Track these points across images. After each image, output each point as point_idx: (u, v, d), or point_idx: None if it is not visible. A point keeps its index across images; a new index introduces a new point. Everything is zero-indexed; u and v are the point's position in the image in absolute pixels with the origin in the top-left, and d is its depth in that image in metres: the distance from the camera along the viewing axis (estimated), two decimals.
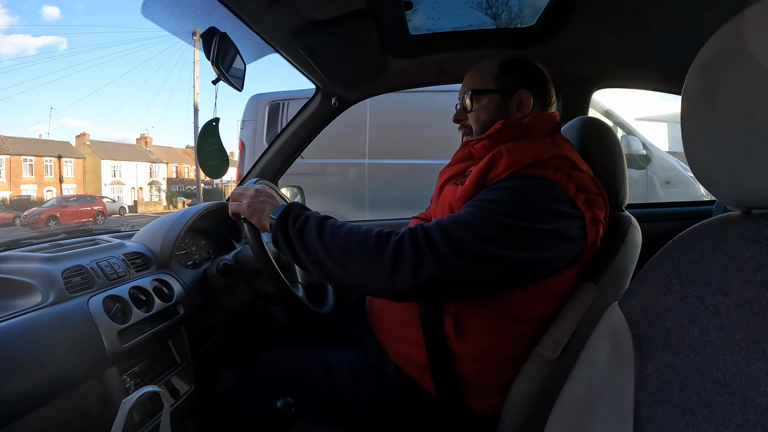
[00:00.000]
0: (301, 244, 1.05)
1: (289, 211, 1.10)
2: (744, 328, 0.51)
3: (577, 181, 1.05)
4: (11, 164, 32.31)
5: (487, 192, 1.05)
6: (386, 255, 0.96)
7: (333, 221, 1.07)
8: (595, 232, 1.06)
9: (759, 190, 0.55)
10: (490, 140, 1.17)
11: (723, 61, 0.57)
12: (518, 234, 0.97)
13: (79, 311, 1.05)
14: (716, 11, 1.31)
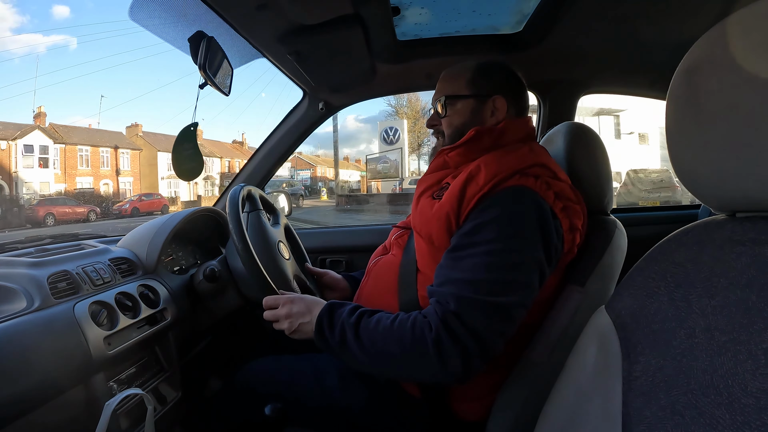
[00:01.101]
0: (346, 356, 1.06)
1: (321, 325, 1.10)
2: (730, 330, 0.51)
3: (555, 189, 1.06)
4: (66, 154, 30.44)
5: (476, 229, 1.03)
6: (430, 355, 0.96)
7: (365, 322, 1.06)
8: (572, 240, 1.07)
9: (743, 194, 0.56)
10: (465, 148, 1.17)
11: (707, 66, 0.58)
12: (521, 271, 0.99)
13: (65, 317, 1.04)
14: (700, 18, 1.33)
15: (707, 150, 0.58)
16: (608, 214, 1.28)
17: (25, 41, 52.55)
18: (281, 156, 2.09)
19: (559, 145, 1.29)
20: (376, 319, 1.05)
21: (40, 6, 25.10)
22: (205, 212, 1.68)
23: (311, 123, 2.06)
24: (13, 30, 53.50)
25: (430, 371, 0.97)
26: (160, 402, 1.23)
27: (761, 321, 0.49)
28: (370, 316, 1.06)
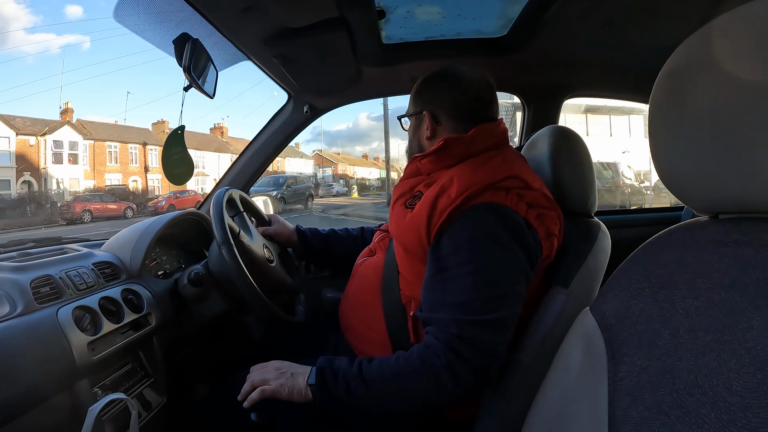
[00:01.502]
0: (354, 403, 1.04)
1: (323, 375, 1.06)
2: (714, 330, 0.52)
3: (528, 200, 1.07)
4: (95, 151, 29.68)
5: (457, 248, 1.04)
6: (444, 380, 0.98)
7: (367, 367, 1.05)
8: (549, 246, 1.08)
9: (726, 196, 0.56)
10: (436, 156, 1.17)
11: (690, 69, 0.59)
12: (509, 285, 1.02)
13: (49, 322, 1.03)
14: (683, 22, 1.34)
15: (690, 152, 0.59)
16: (592, 216, 1.29)
17: (37, 40, 51.72)
18: (266, 159, 2.08)
19: (543, 149, 1.30)
20: (377, 362, 1.05)
21: (53, 6, 24.95)
22: (189, 216, 1.66)
23: (296, 126, 2.05)
24: (27, 30, 52.61)
25: (445, 394, 0.99)
26: (146, 408, 1.21)
27: (745, 321, 0.50)
28: (369, 362, 1.06)
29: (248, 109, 75.70)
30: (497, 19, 1.62)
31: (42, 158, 26.70)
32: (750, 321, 0.49)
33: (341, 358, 1.09)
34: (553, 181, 1.24)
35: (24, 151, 25.96)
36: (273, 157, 2.10)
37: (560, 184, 1.23)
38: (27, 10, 44.97)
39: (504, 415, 1.06)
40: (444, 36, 1.74)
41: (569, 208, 1.25)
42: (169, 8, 1.28)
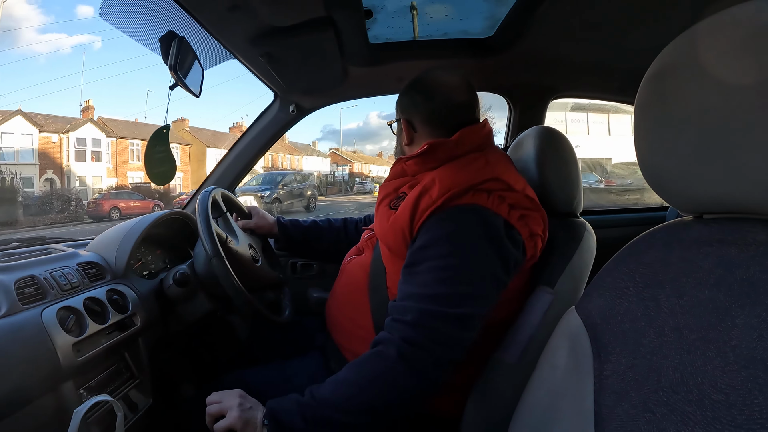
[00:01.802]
0: (320, 429, 1.00)
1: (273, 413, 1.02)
2: (699, 329, 0.53)
3: (510, 201, 1.07)
4: (117, 148, 29.02)
5: (429, 243, 1.05)
6: (401, 371, 0.97)
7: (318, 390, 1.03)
8: (534, 246, 1.09)
9: (710, 196, 0.57)
10: (420, 159, 1.19)
11: (675, 71, 0.59)
12: (475, 284, 1.01)
13: (33, 323, 1.01)
14: (668, 25, 1.36)
15: (674, 153, 0.59)
16: (578, 216, 1.30)
17: (48, 39, 51.12)
18: (252, 158, 2.07)
19: (529, 149, 1.30)
20: (329, 381, 1.03)
21: (64, 6, 24.59)
22: (174, 215, 1.65)
23: (282, 125, 2.04)
24: (39, 30, 52.05)
25: (409, 388, 0.98)
26: (131, 409, 1.20)
27: (729, 319, 0.50)
28: (320, 386, 1.04)
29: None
30: (484, 20, 1.62)
31: (65, 155, 26.37)
32: (734, 319, 0.50)
33: (290, 395, 1.05)
34: (539, 181, 1.24)
35: (46, 149, 25.65)
36: (259, 156, 2.09)
37: (546, 184, 1.24)
38: (38, 11, 44.49)
39: (491, 413, 1.07)
40: (431, 36, 1.74)
41: (555, 208, 1.26)
42: (156, 6, 1.27)
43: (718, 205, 0.58)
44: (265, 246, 1.71)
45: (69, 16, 51.06)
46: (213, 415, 1.07)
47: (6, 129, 24.44)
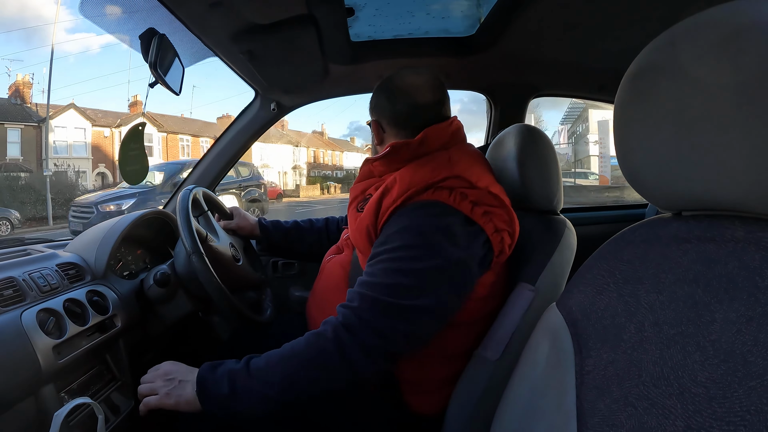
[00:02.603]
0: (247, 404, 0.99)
1: (204, 380, 1.02)
2: (678, 324, 0.53)
3: (472, 198, 1.07)
4: (168, 143, 28.92)
5: (386, 239, 1.06)
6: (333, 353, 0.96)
7: (255, 362, 1.02)
8: (500, 240, 1.08)
9: (688, 193, 0.58)
10: (386, 160, 1.20)
11: (654, 70, 0.60)
12: (425, 277, 1.00)
13: (12, 326, 0.99)
14: (647, 26, 1.38)
15: (653, 151, 0.60)
16: (558, 213, 1.31)
17: (77, 38, 50.34)
18: (232, 157, 2.05)
19: (509, 147, 1.31)
20: (265, 356, 1.02)
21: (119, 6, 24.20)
22: (155, 215, 1.63)
23: (263, 123, 2.03)
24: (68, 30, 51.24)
25: (339, 372, 0.97)
26: (114, 412, 1.18)
27: (708, 314, 0.51)
28: (258, 357, 1.03)
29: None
30: (465, 19, 1.63)
31: (117, 150, 25.77)
32: (713, 314, 0.51)
33: (229, 361, 1.04)
34: (519, 179, 1.25)
35: (99, 143, 25.34)
36: (239, 155, 2.07)
37: (526, 182, 1.25)
38: (68, 11, 44.17)
39: (473, 410, 1.07)
40: (412, 34, 1.75)
41: (535, 206, 1.27)
42: (135, 2, 1.26)
43: (696, 202, 0.58)
44: (246, 246, 1.70)
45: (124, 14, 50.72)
46: (143, 394, 1.05)
47: (59, 123, 24.18)
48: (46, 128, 23.19)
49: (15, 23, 44.49)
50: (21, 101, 24.51)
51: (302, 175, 40.12)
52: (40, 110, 24.35)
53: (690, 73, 0.55)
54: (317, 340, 0.98)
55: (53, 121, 23.59)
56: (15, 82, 24.98)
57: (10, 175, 21.87)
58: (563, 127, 27.98)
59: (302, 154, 40.98)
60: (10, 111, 23.67)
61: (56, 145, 23.94)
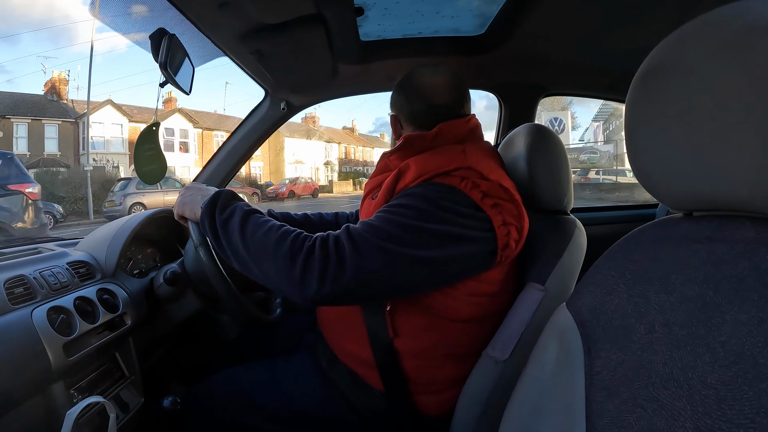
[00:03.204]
0: (225, 235, 1.07)
1: (217, 198, 1.13)
2: (688, 325, 0.53)
3: (483, 189, 1.07)
4: (203, 139, 29.50)
5: (394, 199, 1.09)
6: (297, 262, 0.97)
7: (257, 216, 1.09)
8: (506, 234, 1.07)
9: (699, 194, 0.57)
10: (401, 152, 1.21)
11: (665, 70, 0.60)
12: (417, 233, 1.00)
13: (22, 324, 1.00)
14: (657, 25, 1.37)
15: (664, 151, 0.60)
16: (568, 213, 1.30)
17: (104, 37, 51.22)
18: (242, 156, 2.06)
19: (519, 147, 1.30)
20: (266, 219, 1.08)
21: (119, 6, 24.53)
22: (165, 214, 1.64)
23: (273, 123, 2.04)
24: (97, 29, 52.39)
25: (290, 283, 0.98)
26: (123, 409, 1.19)
27: (718, 315, 0.51)
28: (262, 215, 1.11)
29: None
30: (475, 18, 1.63)
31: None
32: (723, 315, 0.50)
33: (245, 203, 1.14)
34: (529, 178, 1.25)
35: (135, 138, 25.52)
36: (249, 154, 2.08)
37: (536, 181, 1.24)
38: (107, 13, 45.19)
39: (481, 410, 1.07)
40: (421, 34, 1.74)
41: (545, 206, 1.26)
42: (145, 3, 1.27)
43: (707, 202, 0.58)
44: None
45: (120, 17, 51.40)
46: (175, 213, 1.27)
47: (97, 119, 24.54)
48: (86, 124, 23.64)
49: (43, 23, 45.20)
50: (57, 98, 24.93)
51: (334, 171, 40.21)
52: (76, 106, 24.90)
53: (700, 72, 0.55)
54: (302, 242, 1.01)
55: (91, 117, 23.94)
56: (51, 78, 25.39)
57: (50, 170, 22.28)
58: (597, 124, 27.82)
59: (334, 149, 41.09)
60: (48, 107, 24.13)
61: (93, 141, 24.29)
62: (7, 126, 22.11)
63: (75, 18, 49.73)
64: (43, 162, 22.61)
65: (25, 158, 22.32)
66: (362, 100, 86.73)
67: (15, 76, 47.11)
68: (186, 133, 28.18)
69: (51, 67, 30.74)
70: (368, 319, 1.16)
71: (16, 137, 22.45)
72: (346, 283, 0.96)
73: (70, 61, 39.41)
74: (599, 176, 22.14)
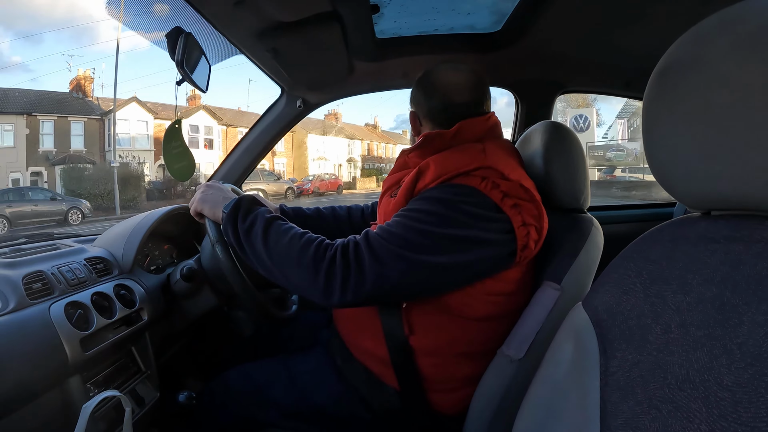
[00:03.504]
0: (248, 243, 1.10)
1: (239, 206, 1.15)
2: (705, 326, 0.52)
3: (503, 189, 1.06)
4: (227, 136, 29.64)
5: (412, 202, 1.09)
6: (320, 272, 1.00)
7: (279, 223, 1.11)
8: (526, 234, 1.07)
9: (717, 193, 0.57)
10: (420, 150, 1.21)
11: (683, 67, 0.59)
12: (436, 239, 1.01)
13: (41, 318, 1.02)
14: (676, 20, 1.35)
15: (682, 149, 0.59)
16: (585, 212, 1.29)
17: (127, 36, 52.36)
18: (259, 154, 2.07)
19: (536, 144, 1.30)
20: (288, 226, 1.11)
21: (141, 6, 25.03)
22: (182, 210, 1.65)
23: (289, 120, 2.04)
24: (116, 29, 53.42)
25: (314, 290, 1.02)
26: (138, 404, 1.20)
27: (735, 317, 0.50)
28: (284, 222, 1.13)
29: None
30: (491, 15, 1.62)
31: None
32: (741, 317, 0.50)
33: (266, 209, 1.17)
34: (546, 176, 1.24)
35: (160, 135, 25.78)
36: (266, 151, 2.09)
37: (552, 179, 1.23)
38: (117, 10, 46.27)
39: (495, 409, 1.07)
40: (437, 31, 1.74)
41: (562, 204, 1.25)
42: (161, 2, 1.27)
43: (725, 201, 0.57)
44: None
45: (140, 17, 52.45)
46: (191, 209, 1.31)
47: (122, 116, 24.96)
48: (112, 121, 24.13)
49: (66, 22, 45.97)
50: (83, 95, 25.30)
51: (356, 167, 40.32)
52: (101, 104, 25.19)
53: (718, 69, 0.54)
54: (324, 251, 1.03)
55: (116, 114, 24.34)
56: (76, 76, 25.76)
57: (77, 167, 22.79)
58: (622, 122, 27.56)
59: (356, 146, 41.14)
60: (73, 105, 24.52)
61: (119, 138, 24.71)
62: (33, 123, 22.48)
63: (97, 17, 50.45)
64: (69, 158, 22.99)
65: (51, 154, 22.86)
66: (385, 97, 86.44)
67: (38, 75, 48.05)
68: (210, 130, 28.46)
69: (75, 66, 31.16)
70: (384, 317, 1.16)
71: (42, 134, 22.81)
72: (367, 290, 0.99)
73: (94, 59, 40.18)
74: (625, 174, 21.95)
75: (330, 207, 1.77)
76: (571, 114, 23.99)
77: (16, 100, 22.34)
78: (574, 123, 22.98)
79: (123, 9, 1.34)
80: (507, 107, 21.03)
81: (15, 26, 42.89)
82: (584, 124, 23.15)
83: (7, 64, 38.32)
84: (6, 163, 21.38)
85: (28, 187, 20.41)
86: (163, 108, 26.66)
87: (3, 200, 17.52)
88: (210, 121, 28.40)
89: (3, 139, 21.66)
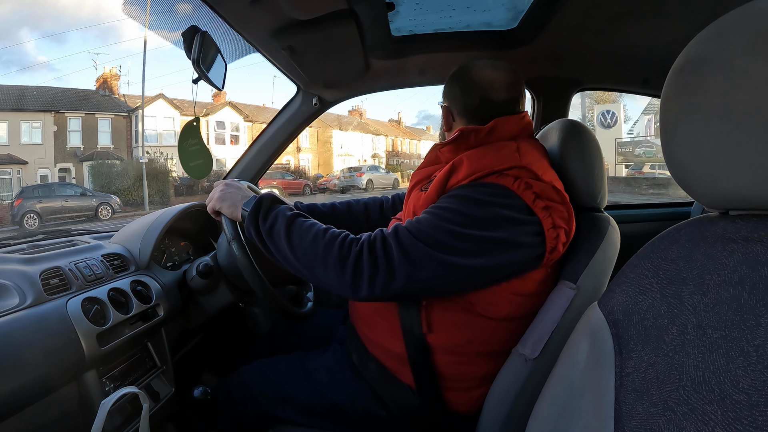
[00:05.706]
0: (271, 242, 1.11)
1: (260, 205, 1.15)
2: (722, 327, 0.52)
3: (536, 190, 1.06)
4: (252, 132, 28.64)
5: (444, 199, 1.08)
6: (347, 268, 1.01)
7: (301, 221, 1.11)
8: (555, 237, 1.07)
9: (736, 192, 0.56)
10: (454, 145, 1.20)
11: (701, 64, 0.58)
12: (468, 241, 1.01)
13: (58, 313, 1.03)
14: (694, 17, 1.33)
15: (701, 148, 0.58)
16: (601, 210, 1.28)
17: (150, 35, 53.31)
18: (275, 151, 2.08)
19: (553, 142, 1.29)
20: (310, 223, 1.12)
21: (163, 5, 25.55)
22: (198, 207, 1.67)
23: (305, 118, 2.05)
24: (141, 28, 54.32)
25: (342, 286, 1.03)
26: (153, 398, 1.22)
27: (753, 318, 0.49)
28: (306, 219, 1.13)
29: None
30: (507, 12, 1.61)
31: (204, 139, 27.22)
32: (758, 318, 0.49)
33: (286, 207, 1.17)
34: (562, 174, 1.22)
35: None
36: (282, 149, 2.10)
37: (569, 178, 1.22)
38: (141, 10, 47.15)
39: (509, 408, 1.07)
40: (453, 28, 1.73)
41: (578, 203, 1.24)
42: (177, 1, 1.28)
43: (744, 201, 0.56)
44: None
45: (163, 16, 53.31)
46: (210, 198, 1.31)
47: (149, 112, 25.27)
48: (139, 117, 24.50)
49: (91, 22, 46.83)
50: (109, 92, 25.63)
51: (381, 163, 39.90)
52: (127, 100, 25.54)
53: (738, 66, 0.53)
54: (349, 246, 1.04)
55: (144, 111, 24.67)
56: (102, 74, 26.08)
57: (105, 163, 23.16)
58: (648, 118, 27.24)
59: (380, 142, 40.96)
60: (100, 102, 24.83)
61: (146, 134, 24.98)
62: (61, 120, 22.81)
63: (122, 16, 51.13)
64: (97, 155, 23.35)
65: (79, 151, 23.19)
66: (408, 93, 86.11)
67: (64, 73, 48.87)
68: (237, 126, 28.60)
69: (101, 64, 31.53)
70: (403, 314, 1.16)
71: (69, 131, 23.12)
72: (396, 289, 1.00)
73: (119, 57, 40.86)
74: (654, 171, 21.71)
75: (345, 202, 1.76)
76: (598, 110, 23.71)
77: (42, 97, 22.67)
78: (601, 119, 22.80)
79: (140, 9, 1.35)
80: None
81: (41, 26, 43.71)
82: (612, 120, 22.88)
83: (33, 63, 39.05)
84: (35, 159, 21.71)
85: (57, 183, 20.80)
86: (189, 105, 26.55)
87: (33, 196, 17.80)
88: (236, 117, 28.55)
89: (31, 136, 21.98)
